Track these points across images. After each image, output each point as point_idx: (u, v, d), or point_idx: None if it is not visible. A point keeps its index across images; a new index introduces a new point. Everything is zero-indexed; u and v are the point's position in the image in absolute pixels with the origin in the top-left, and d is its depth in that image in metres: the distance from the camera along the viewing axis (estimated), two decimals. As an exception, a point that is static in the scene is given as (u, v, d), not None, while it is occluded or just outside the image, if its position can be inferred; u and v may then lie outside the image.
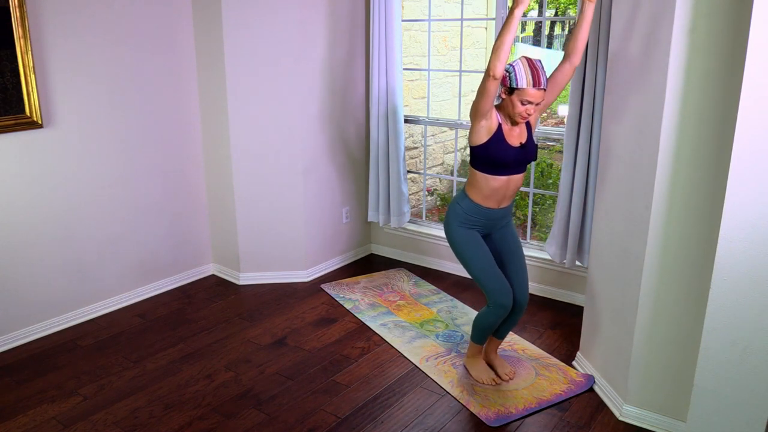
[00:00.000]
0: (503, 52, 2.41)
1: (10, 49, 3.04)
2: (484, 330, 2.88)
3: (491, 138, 2.62)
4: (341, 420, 2.69)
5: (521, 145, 2.67)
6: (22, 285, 3.31)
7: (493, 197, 2.73)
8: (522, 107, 2.56)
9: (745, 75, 1.98)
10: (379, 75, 4.05)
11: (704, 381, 2.26)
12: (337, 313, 3.71)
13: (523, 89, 2.52)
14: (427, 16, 4.47)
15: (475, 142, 2.66)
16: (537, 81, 2.51)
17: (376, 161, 4.25)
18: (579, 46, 2.60)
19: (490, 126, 2.61)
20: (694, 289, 2.38)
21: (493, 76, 2.45)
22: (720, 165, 2.20)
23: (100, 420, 2.69)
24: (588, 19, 2.57)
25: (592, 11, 2.57)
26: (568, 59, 2.63)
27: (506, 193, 2.75)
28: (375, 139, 4.20)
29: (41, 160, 3.28)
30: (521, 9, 2.39)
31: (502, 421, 2.66)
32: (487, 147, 2.63)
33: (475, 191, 2.75)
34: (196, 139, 4.05)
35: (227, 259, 4.20)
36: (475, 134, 2.65)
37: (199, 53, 3.91)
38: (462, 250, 2.80)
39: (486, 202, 2.74)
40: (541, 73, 2.54)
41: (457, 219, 2.79)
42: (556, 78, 2.66)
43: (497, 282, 2.75)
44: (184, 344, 3.34)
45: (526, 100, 2.54)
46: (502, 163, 2.65)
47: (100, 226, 3.60)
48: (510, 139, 2.65)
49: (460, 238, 2.80)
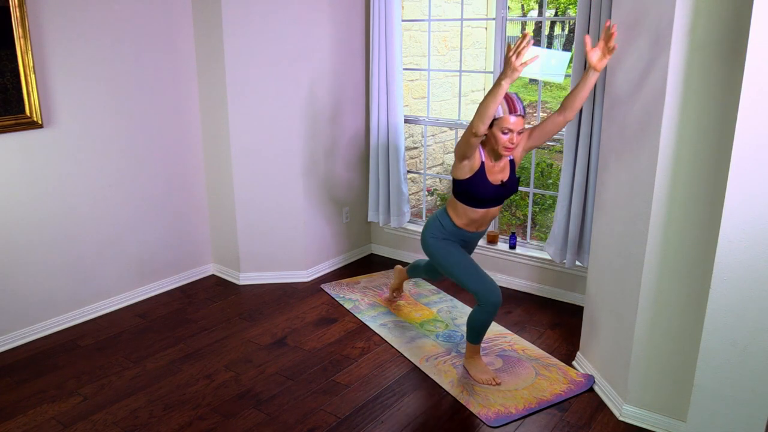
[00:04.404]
0: (487, 116, 2.51)
1: (10, 49, 3.04)
2: (478, 329, 2.93)
3: (473, 175, 2.76)
4: (341, 420, 2.69)
5: (502, 183, 2.80)
6: (22, 285, 3.31)
7: (471, 224, 2.93)
8: (504, 137, 2.65)
9: (745, 75, 1.98)
10: (379, 75, 4.05)
11: (704, 381, 2.26)
12: (337, 313, 3.71)
13: (501, 118, 2.62)
14: (427, 16, 4.47)
15: (458, 176, 2.80)
16: (513, 108, 2.62)
17: (376, 161, 4.25)
18: (576, 106, 2.67)
19: (473, 165, 2.75)
20: (694, 289, 2.38)
21: (475, 134, 2.58)
22: (720, 165, 2.20)
23: (100, 420, 2.69)
24: (590, 86, 2.62)
25: (596, 79, 2.61)
26: (563, 114, 2.69)
27: (484, 220, 2.94)
28: (375, 139, 4.20)
29: (41, 160, 3.28)
30: (509, 82, 2.44)
31: (502, 421, 2.66)
32: (468, 183, 2.77)
33: (455, 215, 2.92)
34: (196, 139, 4.05)
35: (227, 259, 4.20)
36: (458, 170, 2.79)
37: (199, 53, 3.91)
38: (443, 258, 2.93)
39: (466, 227, 2.93)
40: (517, 101, 2.64)
41: (436, 233, 2.96)
42: (546, 127, 2.75)
43: (485, 281, 2.83)
44: (184, 344, 3.34)
45: (506, 129, 2.63)
46: (480, 199, 2.81)
47: (100, 226, 3.60)
48: (491, 176, 2.77)
49: (439, 248, 2.94)
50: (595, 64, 2.53)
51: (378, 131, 4.15)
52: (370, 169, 4.32)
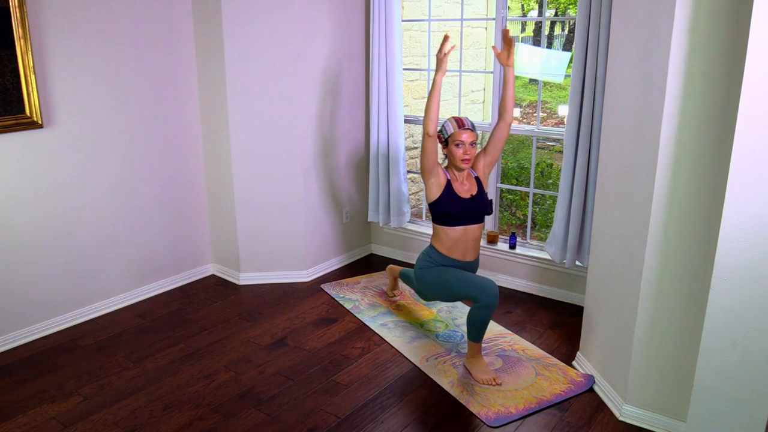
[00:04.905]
0: (432, 113, 2.93)
1: (10, 49, 3.04)
2: (479, 327, 2.93)
3: (442, 193, 3.01)
4: (341, 420, 2.69)
5: (472, 197, 3.04)
6: (22, 285, 3.31)
7: (455, 248, 3.05)
8: (459, 150, 2.97)
9: (745, 75, 1.98)
10: (379, 75, 4.05)
11: (704, 381, 2.27)
12: (337, 313, 3.71)
13: (452, 134, 2.98)
14: (427, 16, 4.46)
15: (430, 198, 3.05)
16: (461, 124, 2.98)
17: (376, 161, 4.25)
18: (508, 107, 3.03)
19: (440, 182, 3.02)
20: (694, 289, 2.38)
21: (427, 134, 2.95)
22: (720, 165, 2.20)
23: (100, 420, 2.69)
24: (510, 82, 3.00)
25: (512, 72, 2.99)
26: (502, 118, 3.05)
27: (467, 243, 3.06)
28: (375, 139, 4.20)
29: (41, 160, 3.28)
30: (441, 75, 2.91)
31: (502, 421, 2.66)
32: (440, 201, 3.01)
33: (439, 243, 3.09)
34: (196, 139, 4.05)
35: (227, 259, 4.20)
36: (428, 191, 3.05)
37: (199, 53, 3.91)
38: (438, 279, 3.06)
39: (451, 254, 3.06)
40: (465, 119, 3.00)
41: (425, 265, 3.13)
42: (495, 136, 3.09)
43: (480, 282, 2.90)
44: (184, 344, 3.34)
45: (459, 141, 2.96)
46: (455, 214, 3.01)
47: (100, 226, 3.60)
48: (460, 192, 3.04)
49: (431, 273, 3.10)
50: (504, 62, 2.97)
51: (378, 131, 4.15)
52: (370, 169, 4.32)
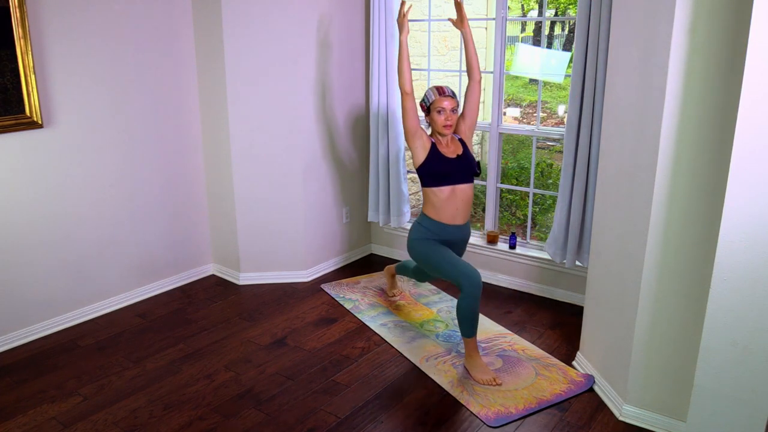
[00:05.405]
0: (404, 71, 3.07)
1: (10, 49, 3.04)
2: (469, 319, 2.95)
3: (428, 155, 3.07)
4: (341, 420, 2.69)
5: (458, 156, 3.09)
6: (22, 285, 3.31)
7: (445, 210, 3.09)
8: (440, 117, 3.05)
9: (745, 75, 1.98)
10: (379, 75, 4.04)
11: (704, 381, 2.27)
12: (337, 313, 3.71)
13: (434, 101, 3.07)
14: (427, 16, 4.46)
15: (417, 162, 3.10)
16: (442, 91, 3.07)
17: (376, 161, 4.25)
18: (473, 66, 3.17)
19: (425, 144, 3.08)
20: (694, 289, 2.38)
21: (405, 92, 3.07)
22: (720, 165, 2.20)
23: (100, 420, 2.69)
24: (468, 40, 3.16)
25: (469, 33, 3.15)
26: (471, 77, 3.17)
27: (456, 204, 3.09)
28: (375, 139, 4.20)
29: (41, 160, 3.28)
30: (405, 35, 3.13)
31: (502, 421, 2.66)
32: (427, 162, 3.07)
33: (429, 208, 3.13)
34: (196, 139, 4.05)
35: (227, 259, 4.20)
36: (415, 156, 3.10)
37: (199, 54, 3.91)
38: (427, 254, 3.10)
39: (441, 217, 3.10)
40: (446, 88, 3.10)
41: (419, 234, 3.15)
42: (468, 97, 3.20)
43: (464, 268, 2.96)
44: (184, 344, 3.34)
45: (440, 108, 3.05)
46: (442, 173, 3.06)
47: (100, 226, 3.60)
48: (446, 152, 3.10)
49: (422, 245, 3.13)
50: (459, 26, 3.17)
51: (378, 131, 4.15)
52: (370, 169, 4.32)
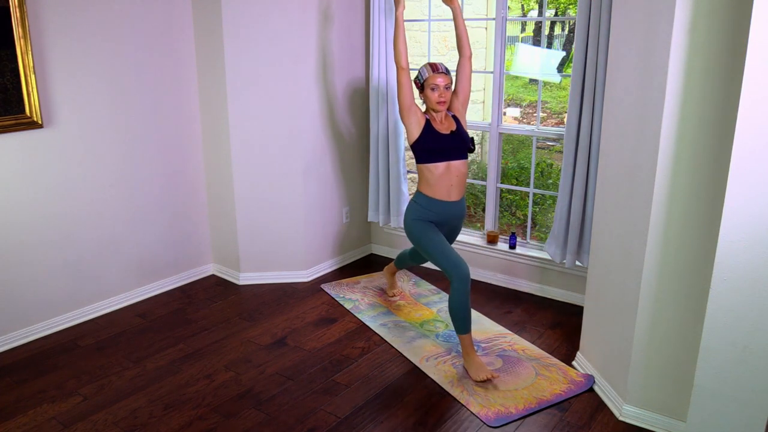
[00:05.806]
0: (400, 45, 3.12)
1: (10, 49, 3.04)
2: (461, 315, 2.97)
3: (423, 131, 3.10)
4: (341, 420, 2.69)
5: (452, 133, 3.13)
6: (22, 285, 3.31)
7: (439, 186, 3.12)
8: (434, 94, 3.09)
9: (745, 75, 1.98)
10: (379, 75, 4.05)
11: (704, 381, 2.27)
12: (337, 313, 3.71)
13: (427, 78, 3.10)
14: (427, 16, 4.46)
15: (411, 139, 3.12)
16: (435, 68, 3.10)
17: (376, 161, 4.25)
18: (463, 42, 3.21)
19: (419, 120, 3.11)
20: (694, 289, 2.38)
21: (400, 67, 3.11)
22: (720, 165, 2.20)
23: (100, 420, 2.69)
24: (457, 16, 3.20)
25: (458, 8, 3.19)
26: (462, 54, 3.22)
27: (450, 180, 3.13)
28: (375, 140, 4.20)
29: (41, 160, 3.28)
30: (401, 9, 3.15)
31: (502, 421, 2.66)
32: (422, 138, 3.10)
33: (424, 184, 3.16)
34: (196, 139, 4.05)
35: (227, 259, 4.20)
36: (409, 132, 3.13)
37: (199, 53, 3.91)
38: (420, 237, 3.15)
39: (435, 193, 3.13)
40: (440, 65, 3.12)
41: (415, 213, 3.18)
42: (460, 74, 3.24)
43: (454, 258, 3.02)
44: (184, 344, 3.34)
45: (434, 85, 3.08)
46: (437, 149, 3.09)
47: (100, 226, 3.60)
48: (440, 129, 3.13)
49: (417, 227, 3.17)
50: (449, 2, 3.19)
51: (378, 131, 4.15)
52: (370, 169, 4.32)
